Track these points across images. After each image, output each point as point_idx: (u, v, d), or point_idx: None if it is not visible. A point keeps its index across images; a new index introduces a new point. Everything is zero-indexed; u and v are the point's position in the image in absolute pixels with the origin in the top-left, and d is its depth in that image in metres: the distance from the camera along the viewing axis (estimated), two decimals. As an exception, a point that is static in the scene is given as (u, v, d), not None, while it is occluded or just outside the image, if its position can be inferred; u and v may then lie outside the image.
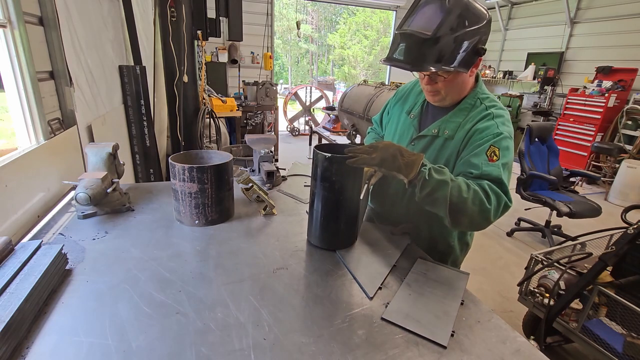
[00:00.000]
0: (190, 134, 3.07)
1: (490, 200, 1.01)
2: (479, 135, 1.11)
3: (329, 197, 1.11)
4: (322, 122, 6.76)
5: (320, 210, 1.14)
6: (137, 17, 2.98)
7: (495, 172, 1.05)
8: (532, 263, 2.07)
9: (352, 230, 1.20)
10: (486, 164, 1.06)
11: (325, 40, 21.59)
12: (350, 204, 1.13)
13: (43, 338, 0.75)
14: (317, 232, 1.18)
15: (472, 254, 1.52)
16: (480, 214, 1.01)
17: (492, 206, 1.01)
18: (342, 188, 1.09)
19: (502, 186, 1.04)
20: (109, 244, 1.14)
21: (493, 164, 1.06)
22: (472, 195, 1.00)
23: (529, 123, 3.82)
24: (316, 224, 1.17)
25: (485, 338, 0.84)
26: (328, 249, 1.17)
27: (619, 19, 5.81)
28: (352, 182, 1.10)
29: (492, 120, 1.12)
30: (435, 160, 1.20)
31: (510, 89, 7.91)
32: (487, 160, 1.06)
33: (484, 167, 1.06)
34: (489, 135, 1.09)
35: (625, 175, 4.91)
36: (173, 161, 1.24)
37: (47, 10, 1.55)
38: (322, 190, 1.11)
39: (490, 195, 1.02)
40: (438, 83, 1.13)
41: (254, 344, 0.77)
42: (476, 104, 1.17)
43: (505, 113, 1.15)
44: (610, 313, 1.84)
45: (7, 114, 1.44)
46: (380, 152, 0.98)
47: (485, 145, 1.08)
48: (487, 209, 1.00)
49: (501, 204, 1.03)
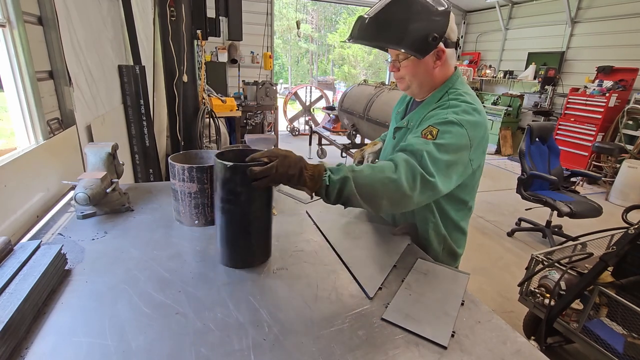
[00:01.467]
0: (190, 133, 3.07)
1: (398, 170, 0.96)
2: (425, 122, 1.10)
3: (236, 210, 0.98)
4: (322, 122, 6.77)
5: (227, 226, 1.01)
6: (137, 17, 2.97)
7: (417, 145, 1.00)
8: (533, 263, 2.07)
9: (266, 244, 1.10)
10: (413, 139, 1.04)
11: (325, 40, 21.59)
12: (261, 215, 1.02)
13: (42, 338, 0.75)
14: (227, 251, 1.04)
15: (472, 254, 1.51)
16: (394, 190, 0.95)
17: (400, 176, 0.95)
18: (250, 199, 0.97)
19: (421, 159, 0.98)
20: (108, 244, 1.13)
21: (421, 140, 1.02)
22: (377, 171, 0.95)
23: (529, 123, 3.81)
24: (225, 242, 1.03)
25: (485, 338, 0.84)
26: (242, 267, 1.04)
27: (620, 18, 5.81)
28: (262, 191, 0.99)
29: (444, 110, 1.10)
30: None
31: (511, 88, 7.90)
32: (420, 137, 1.03)
33: (408, 141, 1.04)
34: (434, 119, 1.08)
35: (626, 175, 4.90)
36: (173, 161, 1.24)
37: (46, 10, 1.55)
38: (227, 203, 0.98)
39: (400, 165, 0.96)
40: (400, 70, 1.20)
41: (254, 344, 0.77)
42: (443, 97, 1.18)
43: (465, 105, 1.10)
44: (611, 313, 1.84)
45: (6, 114, 1.43)
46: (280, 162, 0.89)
47: (424, 126, 1.07)
48: (395, 180, 0.94)
49: (416, 176, 0.96)
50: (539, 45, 7.21)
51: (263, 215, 1.04)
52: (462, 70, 7.78)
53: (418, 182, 0.97)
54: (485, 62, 8.53)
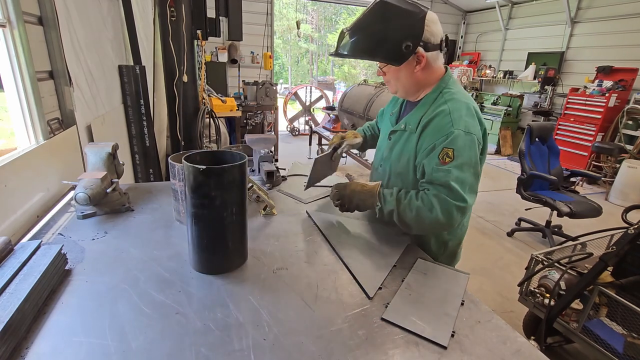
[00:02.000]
0: (190, 133, 3.06)
1: (434, 210, 1.10)
2: (432, 136, 1.15)
3: (211, 215, 0.96)
4: (322, 122, 6.76)
5: (202, 232, 0.98)
6: (137, 17, 2.97)
7: (443, 178, 1.09)
8: (533, 263, 2.07)
9: (242, 248, 1.08)
10: (436, 169, 1.11)
11: (325, 40, 21.58)
12: (237, 218, 1.00)
13: (42, 338, 0.75)
14: (202, 257, 1.01)
15: (472, 254, 1.52)
16: (433, 226, 1.14)
17: (437, 215, 1.09)
18: (225, 202, 0.95)
19: (450, 190, 1.08)
20: (108, 244, 1.13)
21: (443, 168, 1.10)
22: (415, 212, 1.13)
23: (529, 123, 3.81)
24: (199, 249, 1.00)
25: (485, 338, 0.84)
26: (217, 273, 1.02)
27: (620, 18, 5.81)
28: (237, 193, 0.98)
29: (448, 117, 1.13)
30: (401, 153, 1.28)
31: (511, 88, 7.91)
32: (439, 163, 1.11)
33: (433, 174, 1.12)
34: (442, 137, 1.11)
35: (626, 175, 4.90)
36: (173, 161, 1.24)
37: (46, 10, 1.55)
38: (200, 208, 0.95)
39: (434, 205, 1.10)
40: (386, 75, 1.26)
41: (254, 344, 0.77)
42: (437, 98, 1.21)
43: (463, 106, 1.15)
44: (611, 313, 1.84)
45: (7, 114, 1.43)
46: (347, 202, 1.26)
47: (438, 149, 1.12)
48: (433, 219, 1.11)
49: (451, 210, 1.08)
50: (539, 45, 7.21)
51: (238, 218, 1.01)
52: (462, 70, 7.80)
53: (454, 213, 1.09)
54: (485, 62, 8.53)
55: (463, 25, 9.04)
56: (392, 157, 1.32)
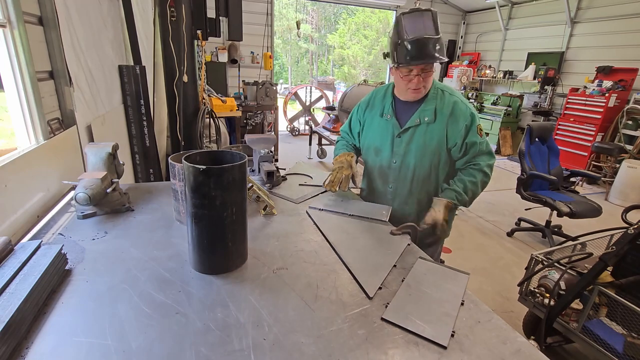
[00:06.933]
0: (190, 133, 3.06)
1: (487, 175, 1.52)
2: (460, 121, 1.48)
3: (211, 215, 0.96)
4: (322, 122, 6.76)
5: (202, 232, 0.98)
6: (137, 17, 2.97)
7: (486, 147, 1.53)
8: (533, 263, 2.07)
9: (242, 248, 1.08)
10: (481, 142, 1.51)
11: (325, 40, 21.58)
12: (238, 218, 1.00)
13: (42, 338, 0.75)
14: (203, 257, 1.01)
15: (472, 254, 1.55)
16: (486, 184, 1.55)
17: (490, 176, 1.53)
18: (225, 202, 0.95)
19: (490, 155, 1.53)
20: (108, 244, 1.13)
21: (483, 140, 1.52)
22: (481, 185, 1.51)
23: (529, 123, 3.81)
24: (200, 248, 1.00)
25: (485, 338, 0.84)
26: (218, 273, 1.02)
27: (619, 18, 5.81)
28: (237, 193, 0.97)
29: (462, 104, 1.50)
30: (424, 141, 1.52)
31: (511, 88, 7.90)
32: (480, 137, 1.51)
33: (479, 146, 1.50)
34: (467, 118, 1.48)
35: (626, 175, 4.90)
36: (173, 161, 1.24)
37: (46, 10, 1.55)
38: (200, 209, 0.95)
39: (487, 171, 1.52)
40: (427, 78, 1.44)
41: (254, 344, 0.77)
42: (439, 93, 1.51)
43: (460, 95, 1.56)
44: (611, 313, 1.84)
45: (7, 114, 1.43)
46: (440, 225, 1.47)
47: (473, 127, 1.49)
48: (488, 181, 1.54)
49: (492, 165, 1.53)
50: (539, 45, 7.20)
51: (238, 218, 1.01)
52: (462, 70, 7.83)
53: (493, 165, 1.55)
54: (485, 62, 8.52)
55: (463, 26, 9.04)
56: (411, 149, 1.53)
